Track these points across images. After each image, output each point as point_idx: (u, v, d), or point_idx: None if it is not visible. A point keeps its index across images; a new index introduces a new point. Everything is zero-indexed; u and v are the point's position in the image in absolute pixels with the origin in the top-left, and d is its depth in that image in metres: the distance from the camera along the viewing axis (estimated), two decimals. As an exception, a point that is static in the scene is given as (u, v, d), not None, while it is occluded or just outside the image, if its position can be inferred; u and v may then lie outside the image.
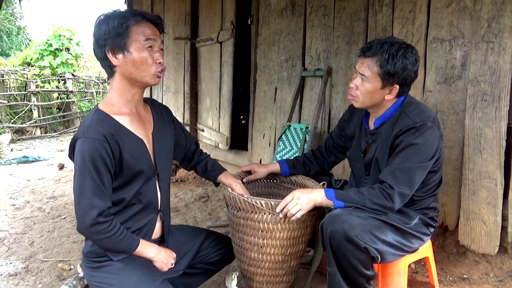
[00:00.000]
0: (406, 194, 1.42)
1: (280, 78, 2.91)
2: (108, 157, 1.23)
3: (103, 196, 1.23)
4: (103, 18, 1.27)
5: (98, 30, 1.27)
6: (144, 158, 1.34)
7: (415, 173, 1.40)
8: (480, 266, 2.00)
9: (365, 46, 1.48)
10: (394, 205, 1.40)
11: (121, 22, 1.24)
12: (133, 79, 1.29)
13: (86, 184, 1.21)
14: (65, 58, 9.61)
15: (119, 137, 1.26)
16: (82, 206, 1.22)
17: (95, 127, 1.23)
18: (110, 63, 1.28)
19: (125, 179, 1.30)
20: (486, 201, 1.83)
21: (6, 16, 15.05)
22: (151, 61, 1.28)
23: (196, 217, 3.06)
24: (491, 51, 1.78)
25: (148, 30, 1.28)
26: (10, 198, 3.68)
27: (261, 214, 1.47)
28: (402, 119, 1.47)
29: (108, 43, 1.25)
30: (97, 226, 1.22)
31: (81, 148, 1.22)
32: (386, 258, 1.41)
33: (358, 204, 1.41)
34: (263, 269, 1.58)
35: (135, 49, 1.25)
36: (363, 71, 1.46)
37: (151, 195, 1.38)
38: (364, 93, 1.48)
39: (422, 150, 1.40)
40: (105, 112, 1.29)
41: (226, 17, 3.47)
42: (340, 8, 2.45)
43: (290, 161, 1.85)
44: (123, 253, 1.31)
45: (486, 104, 1.80)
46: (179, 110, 4.21)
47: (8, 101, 8.28)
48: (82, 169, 1.21)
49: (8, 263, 2.32)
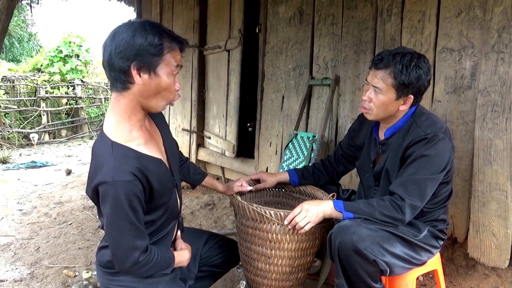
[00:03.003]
0: (417, 206, 1.40)
1: (288, 86, 2.90)
2: (141, 194, 1.17)
3: (142, 236, 1.19)
4: (137, 30, 1.14)
5: (130, 41, 1.13)
6: (167, 177, 1.30)
7: (427, 185, 1.39)
8: (490, 279, 1.96)
9: (376, 58, 1.47)
10: (405, 217, 1.38)
11: (160, 43, 1.15)
12: (146, 103, 1.20)
13: (124, 228, 1.15)
14: (75, 65, 9.72)
15: (146, 168, 1.19)
16: (123, 250, 1.18)
17: (121, 167, 1.13)
18: (130, 79, 1.16)
19: (155, 204, 1.27)
20: (497, 213, 1.80)
21: (18, 22, 15.31)
22: (173, 89, 1.22)
23: (201, 224, 3.05)
24: (502, 61, 1.76)
25: (179, 56, 1.21)
26: (17, 203, 3.70)
27: (269, 224, 1.46)
28: (413, 129, 1.45)
29: (138, 58, 1.13)
30: (139, 264, 1.20)
31: (113, 193, 1.12)
32: (395, 271, 1.39)
33: (367, 216, 1.39)
34: (270, 280, 1.57)
35: (164, 73, 1.17)
36: (377, 83, 1.44)
37: (173, 206, 1.37)
38: (378, 105, 1.47)
39: (434, 162, 1.39)
40: (122, 145, 1.19)
41: (234, 25, 3.49)
42: (348, 17, 2.45)
43: (299, 170, 1.84)
44: (164, 272, 1.30)
45: (496, 114, 1.78)
46: (186, 117, 4.23)
47: (18, 107, 8.38)
48: (118, 214, 1.13)
49: (14, 268, 2.33)
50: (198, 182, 1.71)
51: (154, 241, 1.31)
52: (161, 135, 1.40)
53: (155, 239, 1.32)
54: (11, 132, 7.75)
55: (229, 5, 3.54)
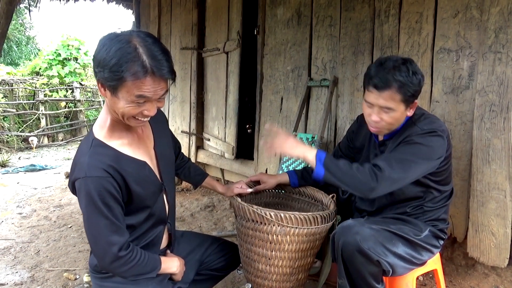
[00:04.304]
0: (395, 180, 1.36)
1: (286, 88, 2.91)
2: (116, 191, 1.17)
3: (120, 231, 1.18)
4: (105, 44, 1.08)
5: (96, 56, 1.10)
6: (151, 181, 1.30)
7: (410, 166, 1.37)
8: (490, 279, 1.97)
9: (376, 81, 1.41)
10: (378, 186, 1.34)
11: (116, 70, 1.05)
12: (117, 115, 1.18)
13: (99, 223, 1.15)
14: (73, 68, 9.74)
15: (121, 168, 1.18)
16: (101, 246, 1.17)
17: (94, 163, 1.14)
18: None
19: (136, 206, 1.27)
20: (495, 212, 1.81)
21: (16, 26, 15.32)
22: (137, 113, 1.14)
23: (201, 226, 3.06)
24: (499, 61, 1.77)
25: (148, 86, 1.08)
26: (17, 207, 3.70)
27: (270, 225, 1.46)
28: (411, 128, 1.47)
29: (99, 76, 1.10)
30: (119, 261, 1.19)
31: (85, 188, 1.13)
32: (397, 271, 1.39)
33: (341, 174, 1.39)
34: (270, 281, 1.57)
35: (123, 98, 1.10)
36: (387, 104, 1.41)
37: (160, 210, 1.36)
38: (391, 122, 1.45)
39: (423, 150, 1.39)
40: (101, 142, 1.20)
41: (232, 28, 3.50)
42: (346, 19, 2.46)
43: (299, 172, 1.84)
44: (149, 275, 1.29)
45: (494, 114, 1.79)
46: (185, 119, 4.23)
47: (16, 110, 8.38)
48: (92, 210, 1.14)
49: (14, 272, 2.33)
50: (198, 182, 1.72)
51: (141, 247, 1.30)
52: (154, 140, 1.38)
53: (142, 244, 1.32)
54: (10, 136, 7.75)
55: (227, 8, 3.55)
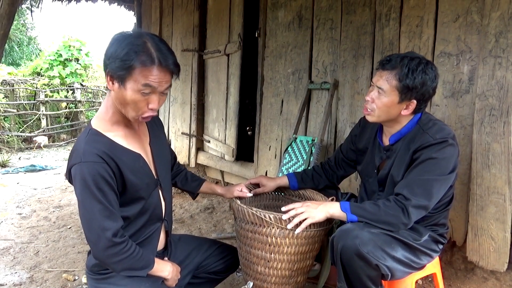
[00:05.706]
0: (423, 205, 1.37)
1: (287, 90, 2.92)
2: (110, 177, 1.20)
3: (113, 217, 1.20)
4: (117, 39, 1.19)
5: (108, 50, 1.20)
6: (145, 172, 1.33)
7: (432, 186, 1.37)
8: (489, 283, 1.96)
9: (384, 59, 1.45)
10: (410, 218, 1.37)
11: (126, 58, 1.15)
12: (120, 109, 1.25)
13: (93, 208, 1.17)
14: (74, 68, 9.75)
15: (116, 156, 1.22)
16: (94, 231, 1.18)
17: (89, 149, 1.19)
18: (108, 83, 1.23)
19: (130, 197, 1.29)
20: (495, 216, 1.81)
21: (18, 26, 15.35)
22: (142, 105, 1.21)
23: (201, 228, 3.05)
24: (499, 66, 1.78)
25: (154, 76, 1.17)
26: (17, 207, 3.70)
27: (269, 228, 1.46)
28: (420, 136, 1.44)
29: (109, 67, 1.18)
30: (114, 248, 1.19)
31: (80, 173, 1.17)
32: (396, 275, 1.39)
33: (372, 217, 1.38)
34: (269, 284, 1.57)
35: (131, 88, 1.18)
36: (381, 84, 1.43)
37: (155, 206, 1.38)
38: (380, 106, 1.46)
39: (441, 165, 1.38)
40: (98, 131, 1.25)
41: (233, 30, 3.51)
42: (347, 22, 2.47)
43: (298, 174, 1.84)
44: (140, 273, 1.29)
45: (494, 118, 1.79)
46: (185, 121, 4.24)
47: (17, 110, 8.39)
48: (87, 195, 1.17)
49: (13, 272, 2.33)
50: (195, 189, 1.71)
51: (138, 244, 1.32)
52: (150, 137, 1.43)
53: (139, 241, 1.33)
54: (11, 136, 7.76)
55: (228, 10, 3.56)
